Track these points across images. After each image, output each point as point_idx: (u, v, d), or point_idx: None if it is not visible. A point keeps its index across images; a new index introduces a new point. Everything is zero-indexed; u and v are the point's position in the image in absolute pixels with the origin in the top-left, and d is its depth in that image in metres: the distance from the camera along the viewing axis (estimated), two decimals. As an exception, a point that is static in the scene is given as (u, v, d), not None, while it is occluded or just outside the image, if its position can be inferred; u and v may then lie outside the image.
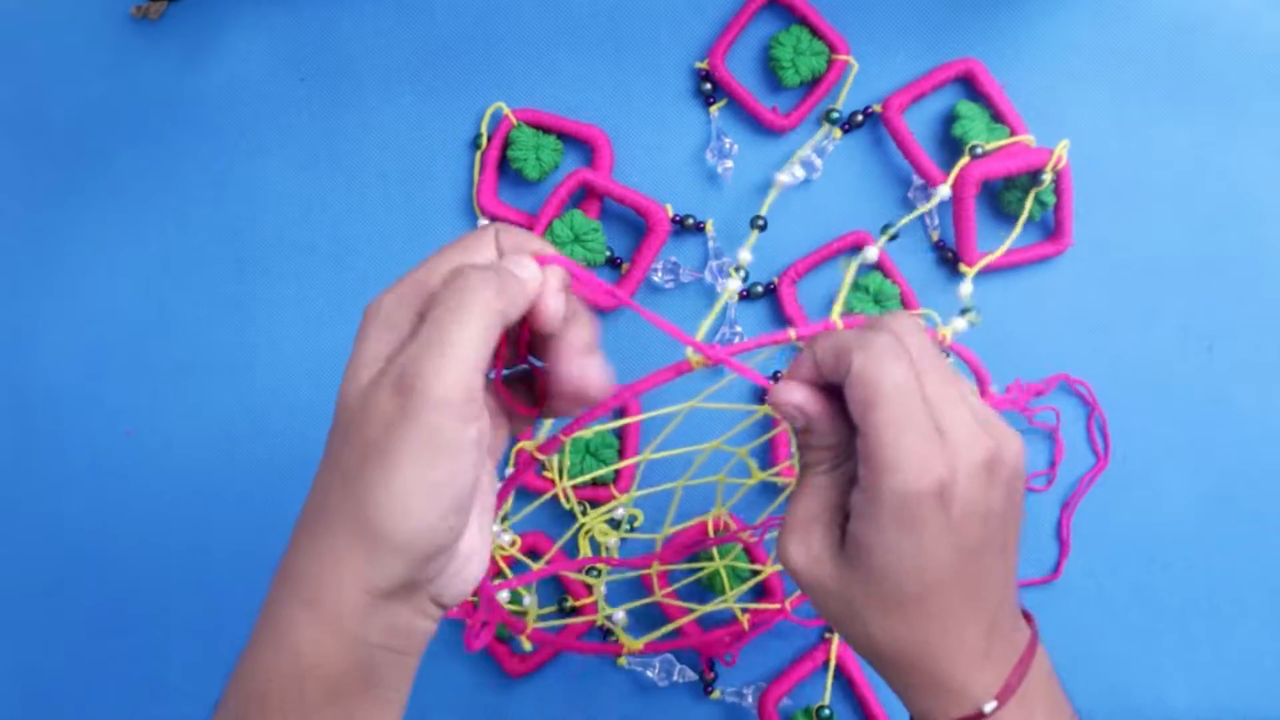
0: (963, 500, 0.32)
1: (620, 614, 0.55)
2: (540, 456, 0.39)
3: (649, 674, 0.56)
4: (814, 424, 0.35)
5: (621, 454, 0.56)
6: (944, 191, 0.54)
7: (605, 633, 0.56)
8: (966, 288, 0.50)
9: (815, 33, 0.57)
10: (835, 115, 0.57)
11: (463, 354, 0.30)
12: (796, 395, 0.35)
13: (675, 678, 0.56)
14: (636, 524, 0.56)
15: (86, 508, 0.59)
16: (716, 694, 0.56)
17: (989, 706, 0.35)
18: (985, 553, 0.34)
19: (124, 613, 0.59)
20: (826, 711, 0.53)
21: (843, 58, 0.56)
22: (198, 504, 0.58)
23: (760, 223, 0.55)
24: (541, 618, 0.57)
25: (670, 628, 0.55)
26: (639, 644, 0.53)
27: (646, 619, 0.57)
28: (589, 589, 0.56)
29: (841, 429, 0.35)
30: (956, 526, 0.33)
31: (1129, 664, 0.56)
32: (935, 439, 0.32)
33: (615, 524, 0.56)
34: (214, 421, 0.58)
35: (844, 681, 0.56)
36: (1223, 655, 0.56)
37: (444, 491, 0.31)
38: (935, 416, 0.32)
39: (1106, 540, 0.56)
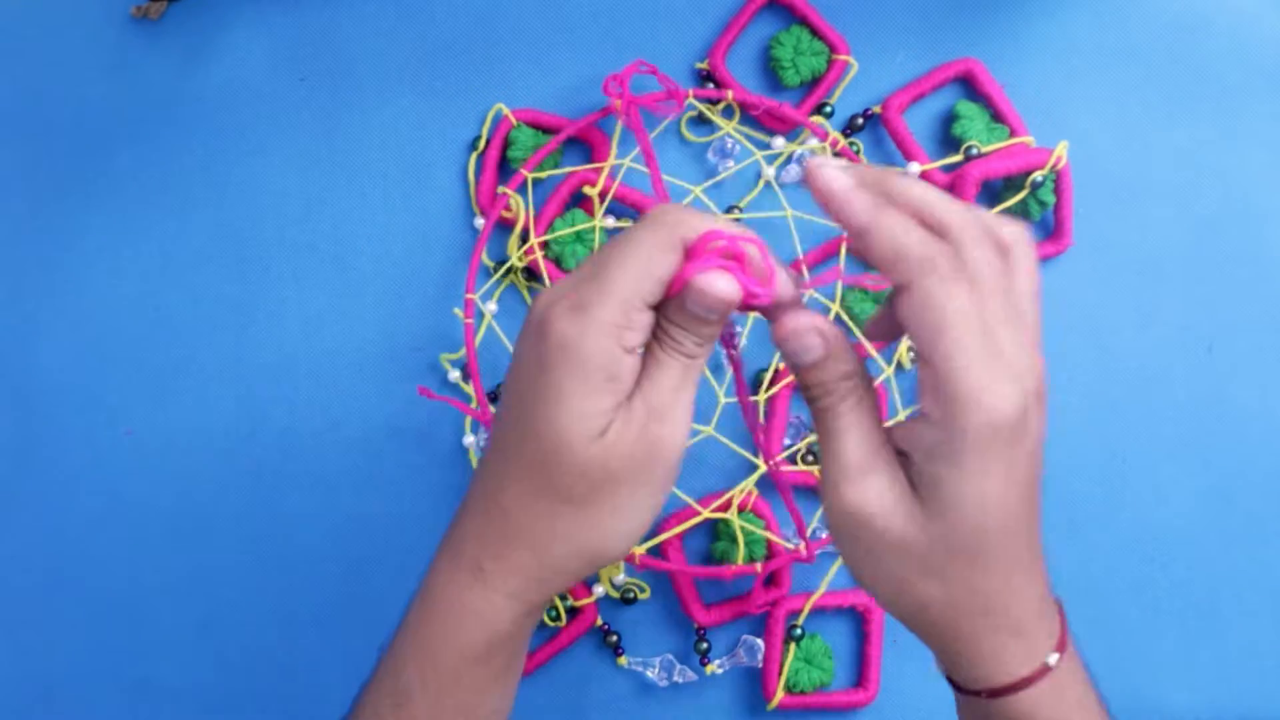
0: (1033, 432, 0.31)
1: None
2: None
3: (649, 674, 0.56)
4: (838, 351, 0.32)
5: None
6: (913, 170, 0.55)
7: (605, 634, 0.56)
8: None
9: (815, 33, 0.57)
10: (829, 110, 0.57)
11: (619, 288, 0.32)
12: (818, 319, 0.32)
13: (675, 678, 0.56)
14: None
15: (86, 508, 0.59)
16: (712, 667, 0.56)
17: (1053, 658, 0.34)
18: (1038, 489, 0.32)
19: (124, 613, 0.59)
20: (799, 631, 0.55)
21: (843, 58, 0.56)
22: (198, 504, 0.58)
23: (735, 213, 0.56)
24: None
25: (679, 529, 0.55)
26: (640, 549, 0.53)
27: (657, 614, 0.57)
28: (589, 589, 0.56)
29: (856, 354, 0.33)
30: (1030, 460, 0.31)
31: (1129, 664, 0.56)
32: (1007, 367, 0.30)
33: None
34: (214, 421, 0.58)
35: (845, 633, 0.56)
36: (1223, 655, 0.56)
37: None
38: (997, 339, 0.30)
39: (1106, 540, 0.56)
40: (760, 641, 0.56)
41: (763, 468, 0.55)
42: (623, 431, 0.33)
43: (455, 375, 0.57)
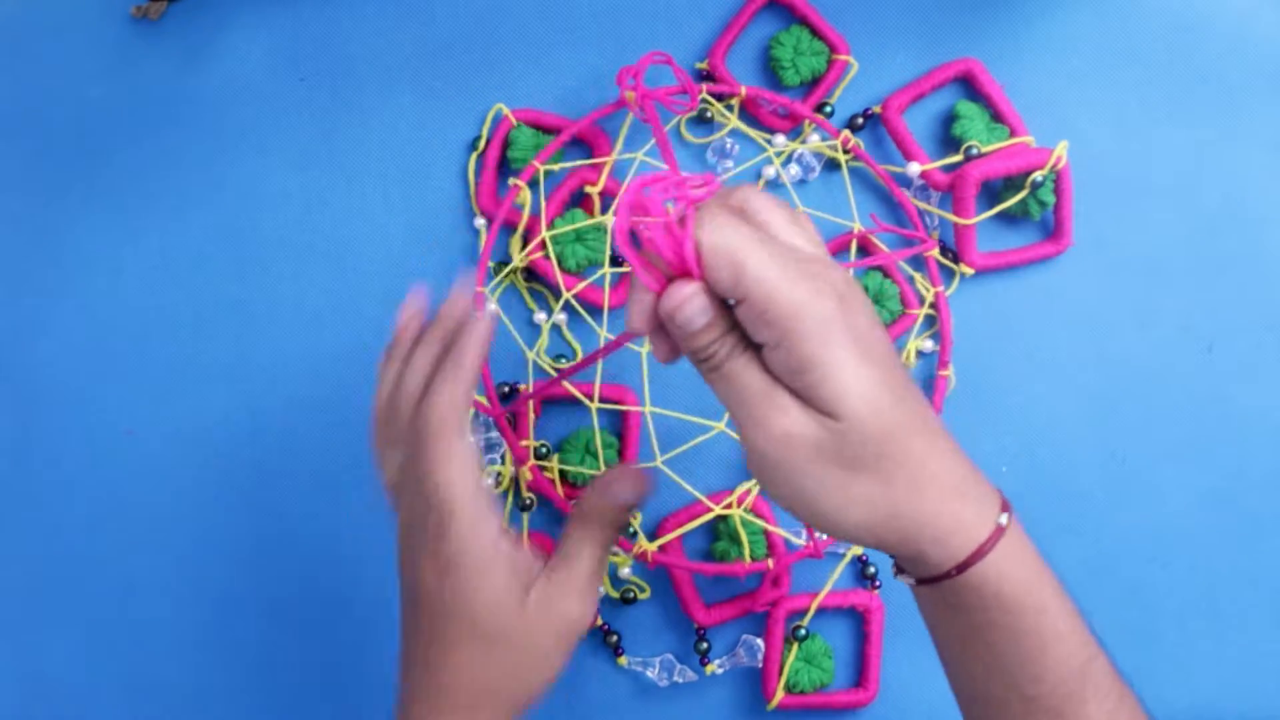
0: (858, 307, 0.34)
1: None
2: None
3: (649, 674, 0.56)
4: (715, 318, 0.34)
5: (621, 454, 0.56)
6: (913, 170, 0.55)
7: (605, 634, 0.56)
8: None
9: (815, 33, 0.57)
10: (829, 109, 0.57)
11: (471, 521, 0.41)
12: (695, 282, 0.34)
13: (675, 678, 0.56)
14: (636, 521, 0.56)
15: (86, 508, 0.59)
16: (711, 667, 0.56)
17: (1003, 518, 0.36)
18: (898, 359, 0.35)
19: (124, 613, 0.59)
20: (803, 632, 0.55)
21: (843, 58, 0.56)
22: (198, 504, 0.58)
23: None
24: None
25: (680, 531, 0.55)
26: (652, 546, 0.54)
27: (657, 614, 0.57)
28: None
29: (724, 310, 0.34)
30: (871, 329, 0.34)
31: (1129, 664, 0.56)
32: (804, 268, 0.33)
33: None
34: (214, 421, 0.58)
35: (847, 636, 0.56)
36: (1223, 655, 0.56)
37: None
38: (790, 257, 0.33)
39: (1106, 540, 0.57)
40: (760, 641, 0.56)
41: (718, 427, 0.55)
42: (539, 606, 0.41)
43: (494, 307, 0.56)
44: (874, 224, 0.56)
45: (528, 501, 0.56)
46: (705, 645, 0.56)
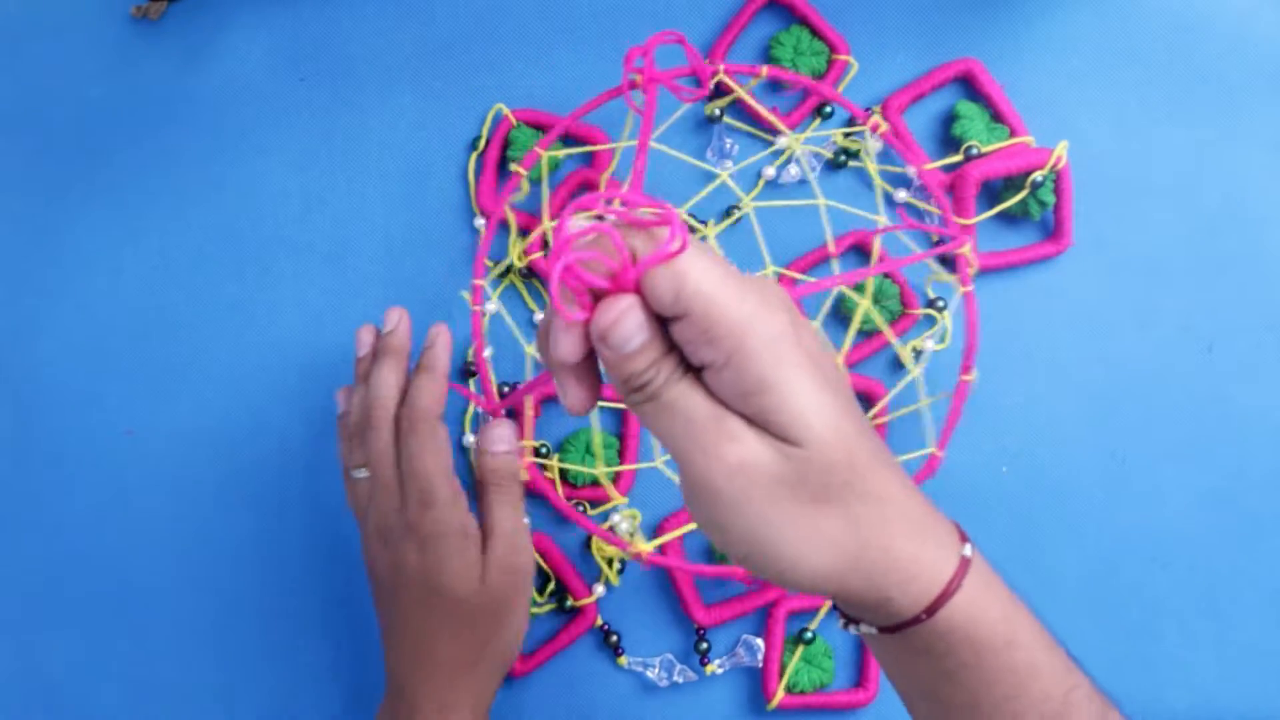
0: (808, 329, 0.31)
1: (628, 524, 0.54)
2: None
3: (649, 674, 0.56)
4: (652, 337, 0.30)
5: (621, 455, 0.56)
6: (911, 172, 0.55)
7: (605, 634, 0.56)
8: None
9: (815, 33, 0.57)
10: (828, 110, 0.57)
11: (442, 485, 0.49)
12: (629, 296, 0.30)
13: (675, 678, 0.56)
14: (637, 522, 0.56)
15: (86, 508, 0.59)
16: (711, 667, 0.56)
17: (967, 549, 0.33)
18: (850, 390, 0.33)
19: (124, 613, 0.59)
20: (810, 635, 0.55)
21: (843, 58, 0.56)
22: (198, 504, 0.58)
23: (735, 213, 0.56)
24: (538, 617, 0.57)
25: (679, 531, 0.55)
26: (648, 547, 0.52)
27: (657, 614, 0.57)
28: (589, 589, 0.56)
29: (660, 330, 0.31)
30: (821, 358, 0.31)
31: (1129, 664, 0.56)
32: (742, 291, 0.30)
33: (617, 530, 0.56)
34: (214, 421, 0.58)
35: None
36: (1223, 655, 0.56)
37: None
38: (730, 275, 0.30)
39: (1106, 540, 0.56)
40: (760, 641, 0.56)
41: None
42: (493, 570, 0.48)
43: (488, 352, 0.55)
44: (900, 219, 0.56)
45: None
46: (705, 645, 0.56)
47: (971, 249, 0.56)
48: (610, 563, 0.56)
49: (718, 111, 0.57)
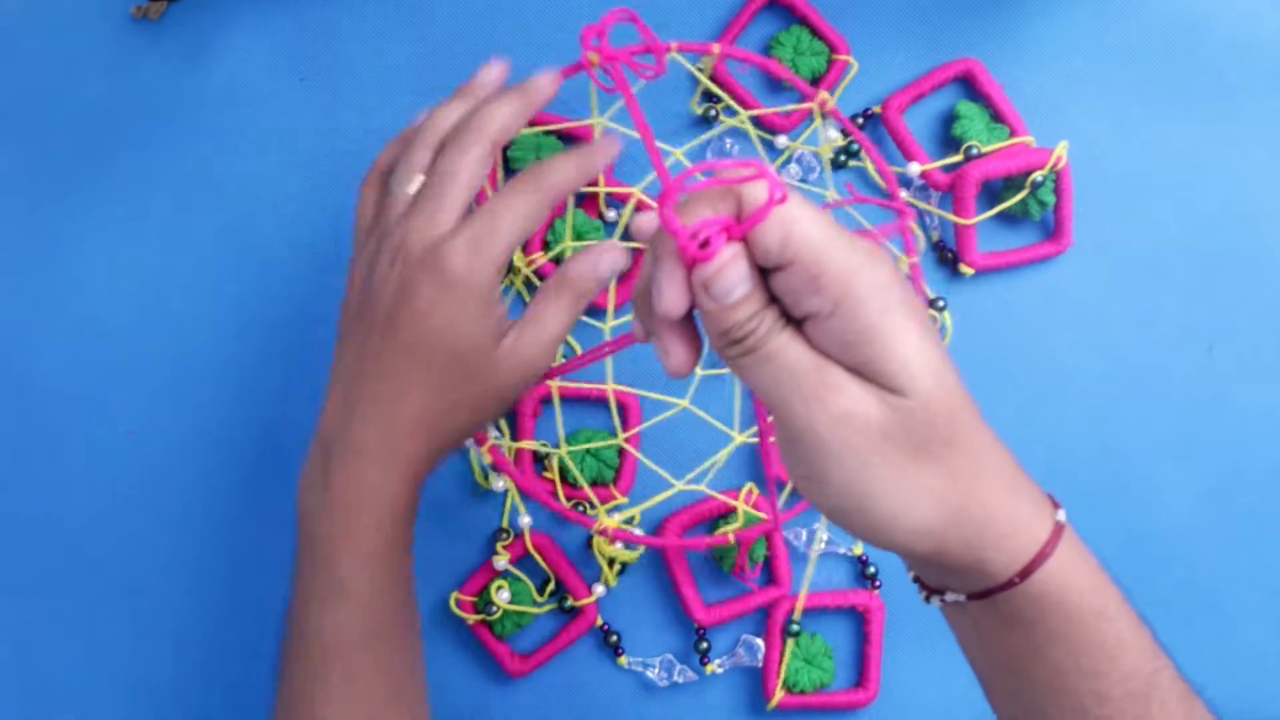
0: (908, 284, 0.31)
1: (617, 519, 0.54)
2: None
3: (649, 674, 0.56)
4: (755, 287, 0.30)
5: (622, 454, 0.56)
6: (913, 170, 0.55)
7: (605, 634, 0.56)
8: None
9: (815, 33, 0.57)
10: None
11: (507, 238, 0.43)
12: (732, 253, 0.29)
13: (675, 678, 0.56)
14: (635, 522, 0.56)
15: (86, 508, 0.59)
16: (711, 667, 0.56)
17: (1061, 514, 0.33)
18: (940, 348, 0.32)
19: (124, 612, 0.59)
20: (795, 627, 0.54)
21: (843, 58, 0.56)
22: (198, 504, 0.58)
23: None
24: (539, 618, 0.57)
25: (650, 503, 0.54)
26: (613, 521, 0.51)
27: (657, 614, 0.57)
28: (589, 589, 0.56)
29: (761, 281, 0.31)
30: (922, 311, 0.30)
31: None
32: (845, 239, 0.29)
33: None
34: (214, 421, 0.58)
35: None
36: (1223, 655, 0.56)
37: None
38: (831, 221, 0.30)
39: (1106, 540, 0.56)
40: (760, 641, 0.56)
41: (737, 439, 0.55)
42: (513, 348, 0.43)
43: None
44: (849, 193, 0.56)
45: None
46: (705, 645, 0.56)
47: (969, 248, 0.56)
48: (611, 563, 0.56)
49: (714, 111, 0.57)
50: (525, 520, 0.55)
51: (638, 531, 0.55)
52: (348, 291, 0.46)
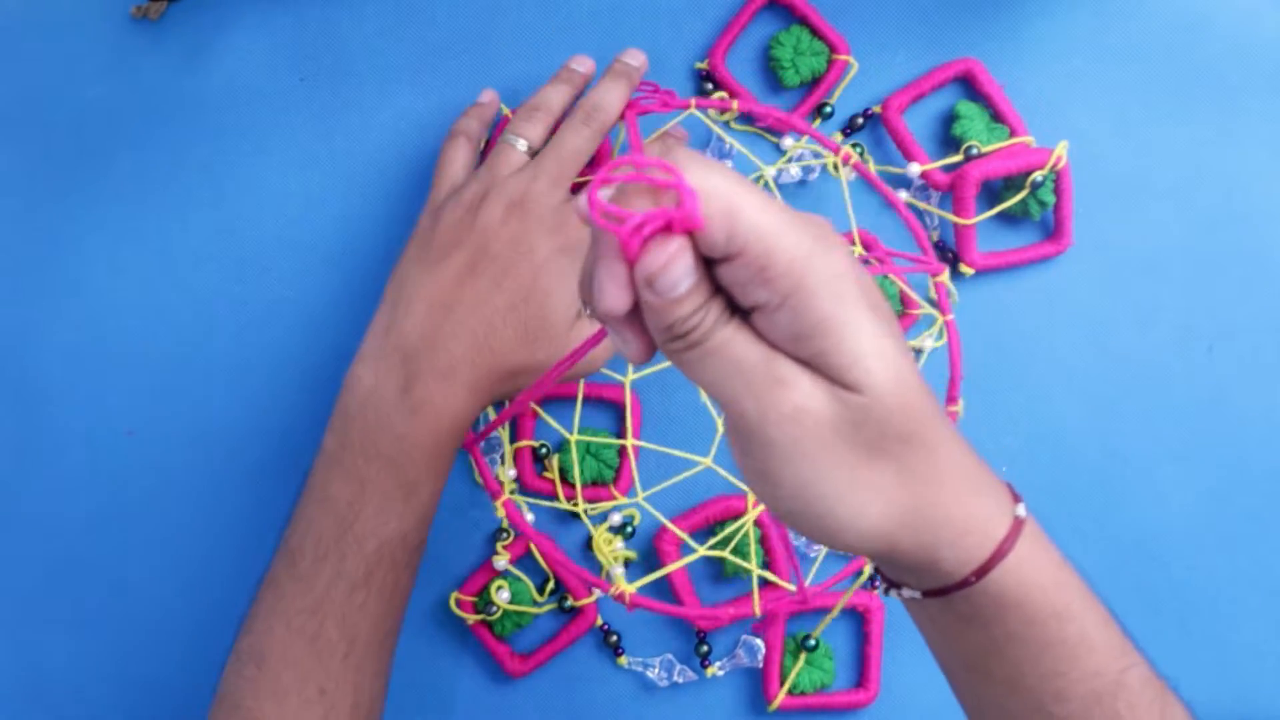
0: (860, 267, 0.29)
1: (619, 568, 0.54)
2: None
3: (649, 674, 0.56)
4: (700, 279, 0.28)
5: (622, 454, 0.56)
6: (913, 170, 0.55)
7: (605, 634, 0.56)
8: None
9: (815, 33, 0.57)
10: (828, 110, 0.57)
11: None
12: (677, 246, 0.27)
13: (676, 678, 0.56)
14: (635, 523, 0.56)
15: (86, 508, 0.59)
16: (712, 670, 0.56)
17: (1020, 509, 0.32)
18: (905, 342, 0.30)
19: (123, 613, 0.59)
20: (813, 642, 0.54)
21: (843, 58, 0.56)
22: (198, 504, 0.58)
23: None
24: (539, 618, 0.57)
25: (663, 572, 0.53)
26: (631, 588, 0.50)
27: (657, 615, 0.57)
28: (589, 589, 0.56)
29: (706, 272, 0.28)
30: (880, 302, 0.29)
31: (1129, 664, 0.56)
32: (800, 216, 0.28)
33: (617, 530, 0.56)
34: (214, 421, 0.58)
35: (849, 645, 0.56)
36: (1223, 655, 0.56)
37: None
38: (775, 207, 0.28)
39: (1106, 540, 0.56)
40: (759, 642, 0.56)
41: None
42: (584, 329, 0.48)
43: None
44: (878, 246, 0.55)
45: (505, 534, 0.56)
46: (706, 648, 0.56)
47: (969, 248, 0.55)
48: (626, 563, 0.56)
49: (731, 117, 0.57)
50: (529, 516, 0.56)
51: (645, 596, 0.52)
52: (432, 221, 0.49)
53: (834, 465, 0.29)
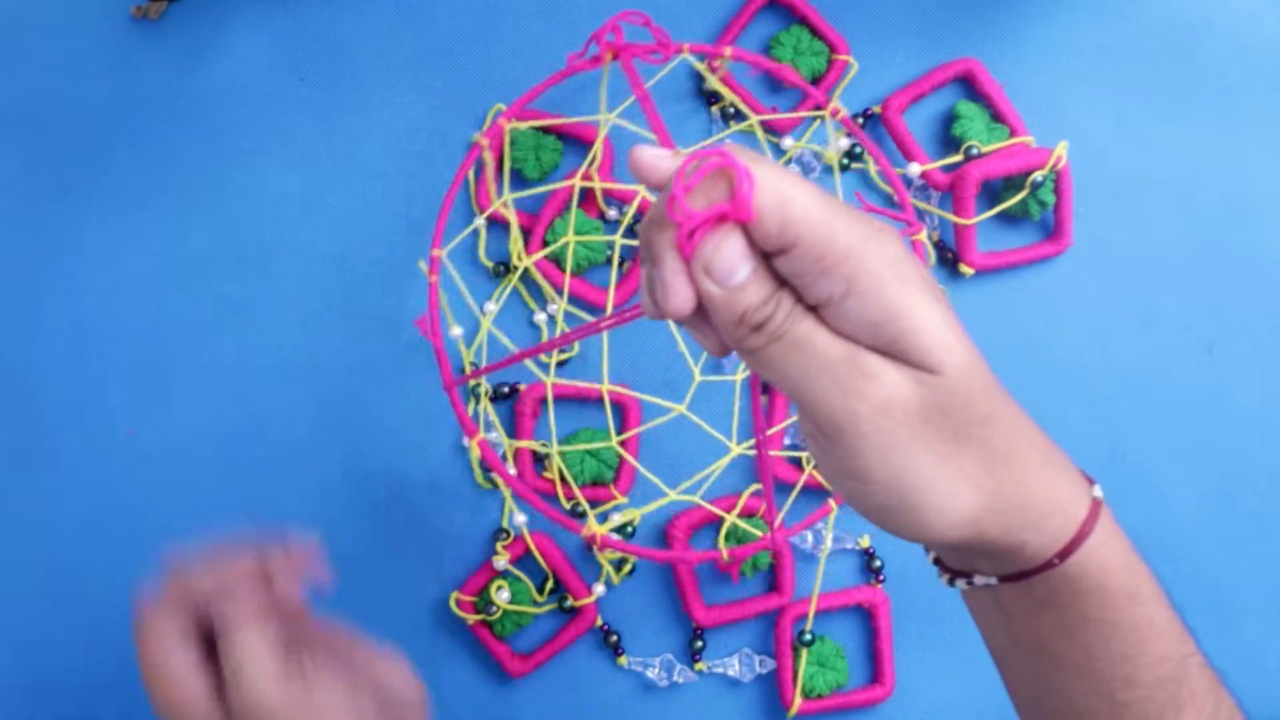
0: (913, 255, 0.29)
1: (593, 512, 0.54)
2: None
3: (649, 674, 0.56)
4: (761, 270, 0.28)
5: (622, 455, 0.56)
6: (913, 170, 0.54)
7: (605, 634, 0.56)
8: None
9: (815, 33, 0.57)
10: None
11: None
12: (724, 232, 0.27)
13: (675, 678, 0.56)
14: (634, 524, 0.56)
15: (86, 508, 0.59)
16: (701, 665, 0.55)
17: (1097, 490, 0.32)
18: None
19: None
20: (808, 637, 0.54)
21: (843, 58, 0.56)
22: (198, 504, 0.58)
23: None
24: (539, 618, 0.57)
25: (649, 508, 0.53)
26: (602, 529, 0.50)
27: (657, 615, 0.57)
28: (589, 589, 0.56)
29: (769, 266, 0.28)
30: (936, 286, 0.29)
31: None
32: (849, 207, 0.28)
33: (618, 531, 0.56)
34: (214, 422, 0.58)
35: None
36: (1223, 655, 0.56)
37: None
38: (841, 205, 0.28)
39: (1107, 540, 0.56)
40: (757, 657, 0.56)
41: (735, 450, 0.55)
42: None
43: (457, 332, 0.54)
44: (859, 204, 0.56)
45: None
46: (700, 644, 0.56)
47: (969, 248, 0.56)
48: (620, 565, 0.56)
49: (730, 109, 0.57)
50: (520, 518, 0.55)
51: (616, 537, 0.52)
52: None
53: (925, 454, 0.28)
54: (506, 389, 0.57)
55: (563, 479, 0.56)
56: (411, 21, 0.59)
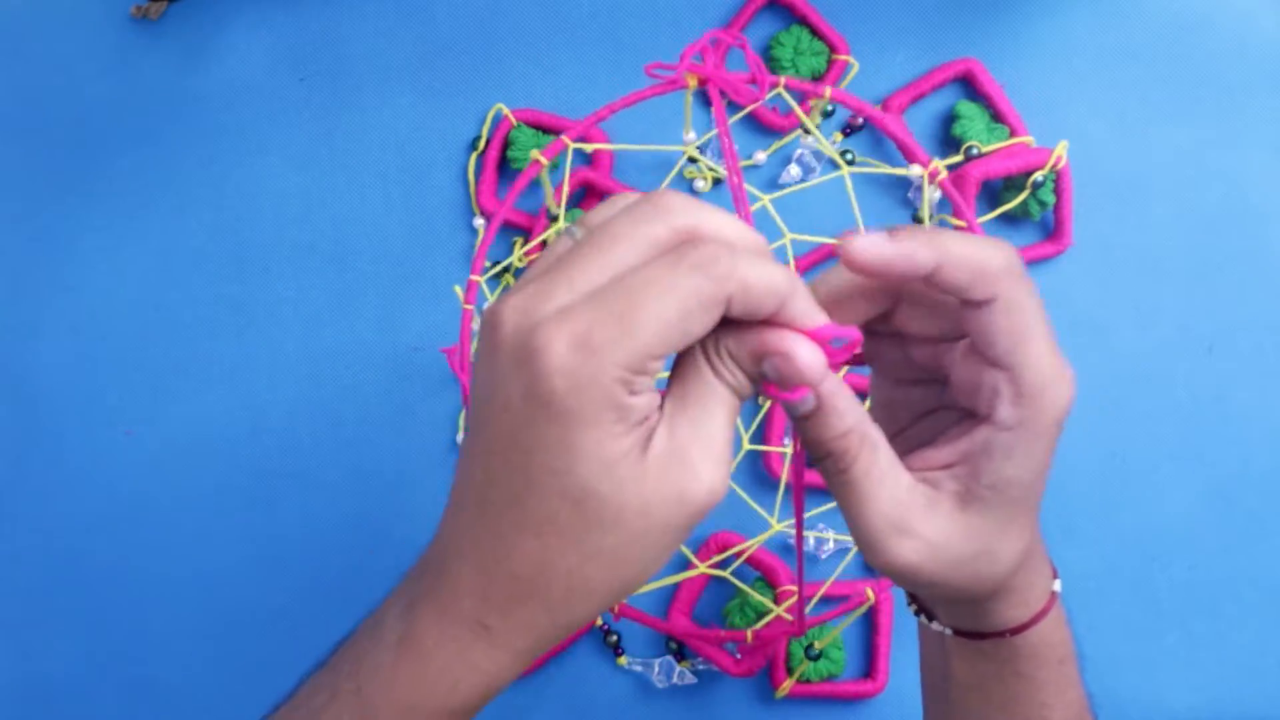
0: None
1: None
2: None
3: (649, 674, 0.56)
4: (832, 405, 0.29)
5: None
6: (914, 171, 0.53)
7: (605, 634, 0.56)
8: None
9: (815, 33, 0.57)
10: (829, 110, 0.57)
11: (645, 340, 0.26)
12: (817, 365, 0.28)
13: (675, 679, 0.56)
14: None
15: (86, 508, 0.59)
16: (685, 664, 0.56)
17: (1057, 584, 0.36)
18: None
19: (124, 613, 0.59)
20: (815, 652, 0.54)
21: (843, 58, 0.56)
22: (198, 504, 0.58)
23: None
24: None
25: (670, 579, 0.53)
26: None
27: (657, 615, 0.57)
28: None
29: (855, 401, 0.30)
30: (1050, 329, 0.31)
31: (1129, 664, 0.56)
32: (1061, 359, 0.31)
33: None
34: (214, 422, 0.58)
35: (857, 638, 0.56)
36: (1223, 655, 0.56)
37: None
38: (1050, 336, 0.31)
39: (1106, 540, 0.56)
40: (680, 666, 0.56)
41: (775, 527, 0.55)
42: (646, 479, 0.28)
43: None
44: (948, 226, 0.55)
45: None
46: (675, 645, 0.56)
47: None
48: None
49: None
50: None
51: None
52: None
53: (929, 589, 0.33)
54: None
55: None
56: (411, 21, 0.59)
